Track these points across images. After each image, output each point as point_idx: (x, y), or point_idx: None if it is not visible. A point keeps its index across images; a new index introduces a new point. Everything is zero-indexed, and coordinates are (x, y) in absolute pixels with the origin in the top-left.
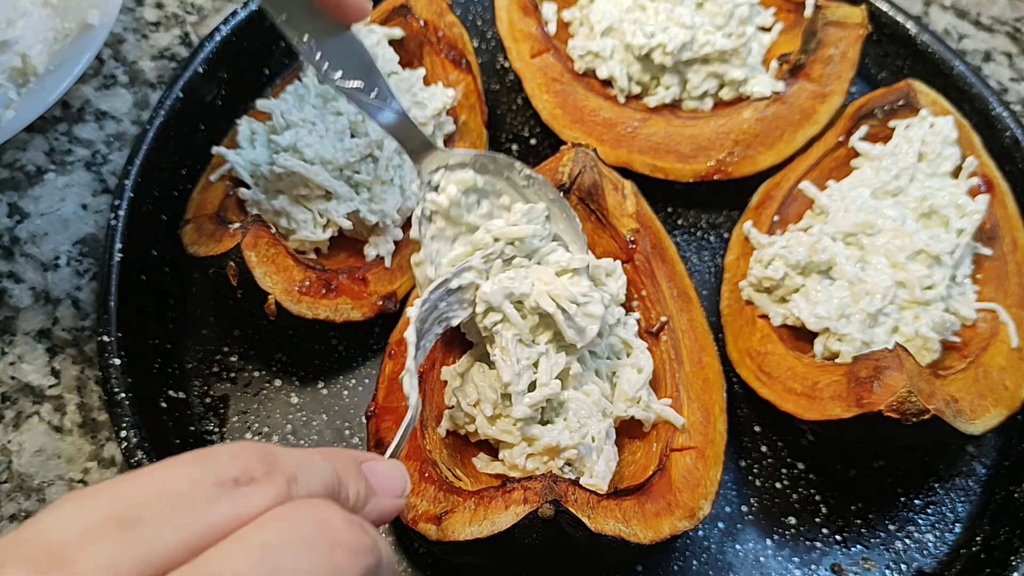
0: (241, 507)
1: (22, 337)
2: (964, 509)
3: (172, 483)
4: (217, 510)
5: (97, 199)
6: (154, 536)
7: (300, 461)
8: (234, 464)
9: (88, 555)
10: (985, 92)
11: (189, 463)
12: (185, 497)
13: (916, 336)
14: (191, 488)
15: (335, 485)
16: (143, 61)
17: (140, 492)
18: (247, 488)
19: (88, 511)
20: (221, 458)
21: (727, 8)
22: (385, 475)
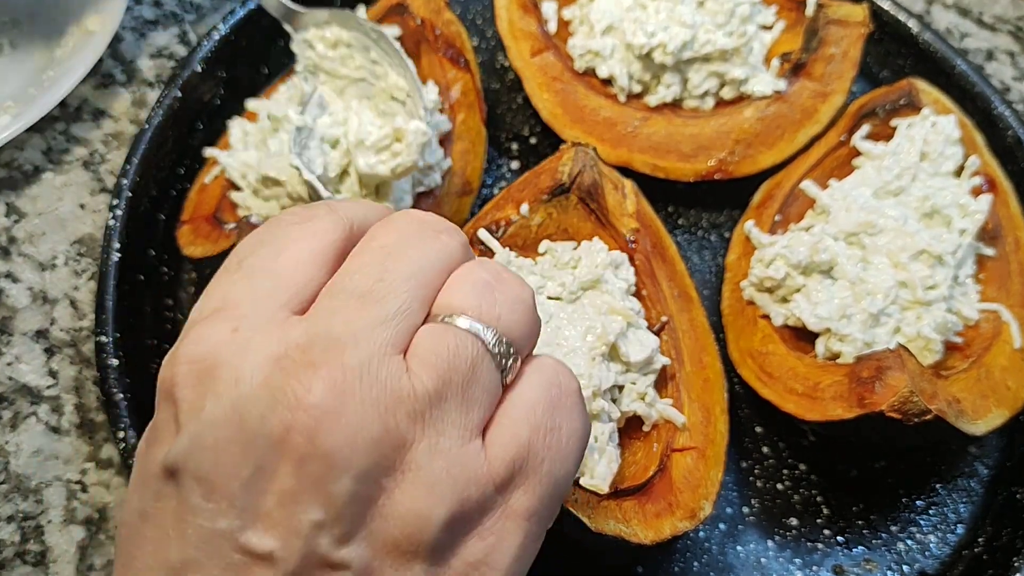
0: (327, 231)
1: (19, 337)
2: (966, 510)
3: (265, 234)
4: (308, 238)
5: (95, 198)
6: (276, 270)
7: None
8: (301, 210)
9: (241, 298)
10: (987, 91)
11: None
12: (278, 237)
13: (918, 336)
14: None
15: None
16: (141, 60)
17: (249, 247)
18: (321, 218)
19: (222, 278)
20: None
21: (728, 7)
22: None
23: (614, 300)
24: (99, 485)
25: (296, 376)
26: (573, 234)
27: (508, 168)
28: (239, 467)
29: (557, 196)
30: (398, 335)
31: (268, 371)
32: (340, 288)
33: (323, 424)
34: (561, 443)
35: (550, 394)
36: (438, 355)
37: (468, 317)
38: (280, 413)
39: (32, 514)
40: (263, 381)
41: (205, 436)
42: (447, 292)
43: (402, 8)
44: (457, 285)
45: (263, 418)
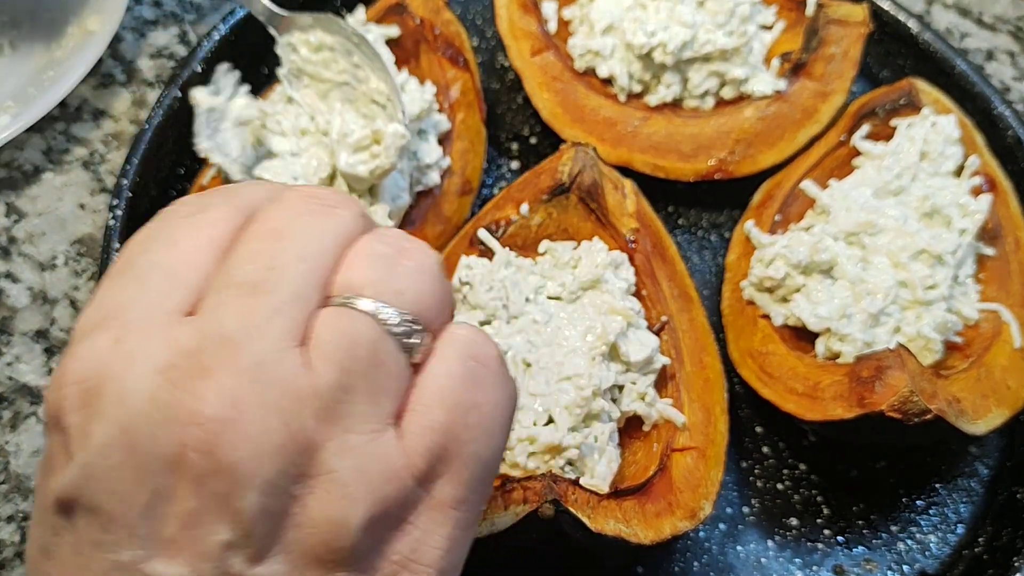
0: (221, 219)
1: (19, 337)
2: (967, 510)
3: (150, 231)
4: (198, 232)
5: (95, 198)
6: (159, 270)
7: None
8: (192, 201)
9: (124, 305)
10: (987, 91)
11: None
12: (167, 236)
13: (918, 336)
14: (166, 227)
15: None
16: (141, 60)
17: (135, 248)
18: (214, 207)
19: (106, 286)
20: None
21: (728, 6)
22: None
23: (614, 300)
24: None
25: (185, 386)
26: (573, 234)
27: (508, 168)
28: (135, 493)
29: (557, 196)
30: (294, 325)
31: (155, 384)
32: (228, 280)
33: (220, 437)
34: (484, 421)
35: (465, 368)
36: (336, 343)
37: (365, 297)
38: (171, 430)
39: (31, 514)
40: (150, 396)
41: (95, 464)
42: (344, 270)
43: (401, 8)
44: (353, 262)
45: (154, 437)
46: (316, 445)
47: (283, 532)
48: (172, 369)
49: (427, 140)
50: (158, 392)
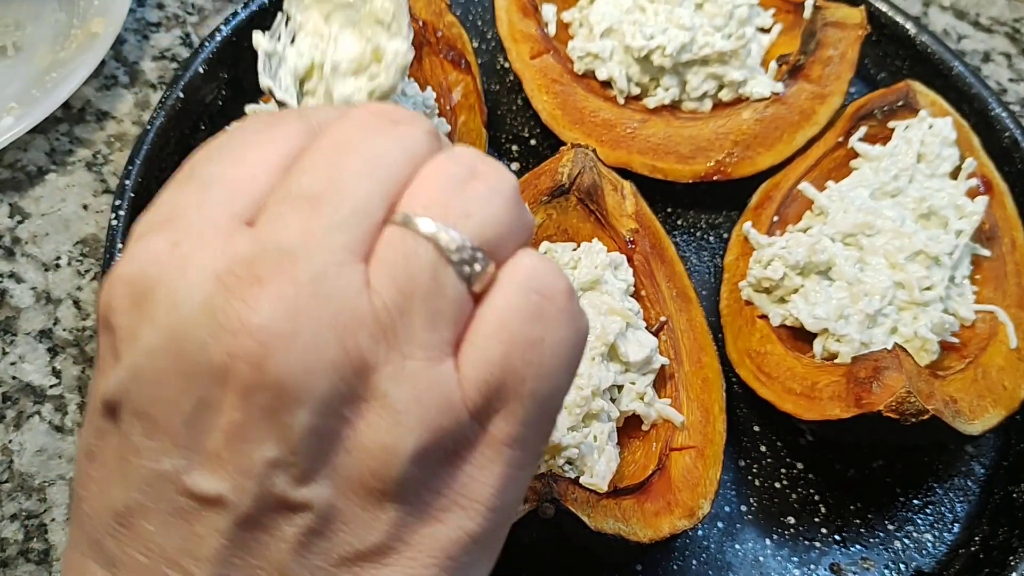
0: (289, 134)
1: (23, 337)
2: (963, 509)
3: (223, 141)
4: (266, 145)
5: (98, 199)
6: (225, 178)
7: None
8: (266, 117)
9: (187, 208)
10: (984, 93)
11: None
12: (235, 146)
13: (915, 337)
14: (237, 139)
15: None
16: (144, 62)
17: (206, 156)
18: (284, 123)
19: (172, 188)
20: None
21: (726, 9)
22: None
23: (613, 300)
24: None
25: (240, 295)
26: (573, 235)
27: (508, 169)
28: (180, 401)
29: (557, 197)
30: (355, 240)
31: (209, 290)
32: (288, 192)
33: (273, 349)
34: (544, 357)
35: (528, 301)
36: (396, 264)
37: (430, 218)
38: (222, 338)
39: (36, 512)
40: (203, 302)
41: (143, 367)
42: (411, 190)
43: None
44: (421, 181)
45: (204, 345)
46: (371, 367)
47: (331, 455)
48: (228, 275)
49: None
50: (211, 299)
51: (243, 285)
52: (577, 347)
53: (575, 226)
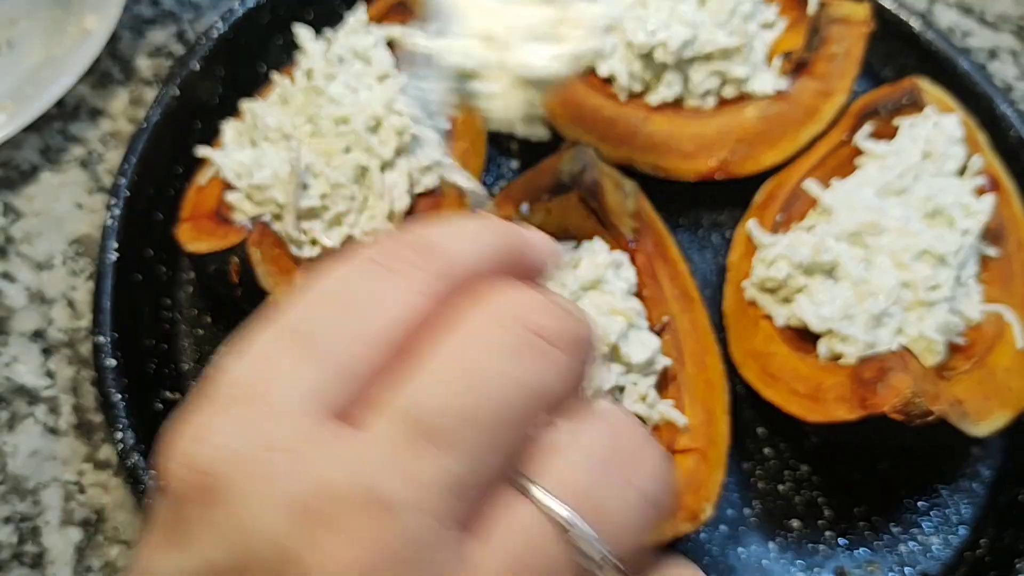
0: (406, 301)
1: (16, 338)
2: (969, 512)
3: (330, 291)
4: (383, 307)
5: (92, 198)
6: (332, 351)
7: (455, 232)
8: (383, 254)
9: (277, 388)
10: (990, 90)
11: (335, 271)
12: (345, 301)
13: (921, 337)
14: (348, 291)
15: (505, 252)
16: (139, 58)
17: (298, 311)
18: (395, 279)
19: (266, 343)
20: (357, 260)
21: (730, 5)
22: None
23: (615, 300)
24: (97, 486)
25: (315, 539)
26: (574, 234)
27: (508, 167)
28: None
29: (557, 195)
30: (463, 505)
31: (282, 526)
32: (398, 406)
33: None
34: None
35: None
36: (517, 555)
37: (568, 506)
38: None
39: (29, 515)
40: (272, 538)
41: (195, 573)
42: (548, 453)
43: (403, 7)
44: (565, 448)
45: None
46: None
47: None
48: (305, 511)
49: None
50: (282, 538)
51: (320, 527)
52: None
53: (576, 225)
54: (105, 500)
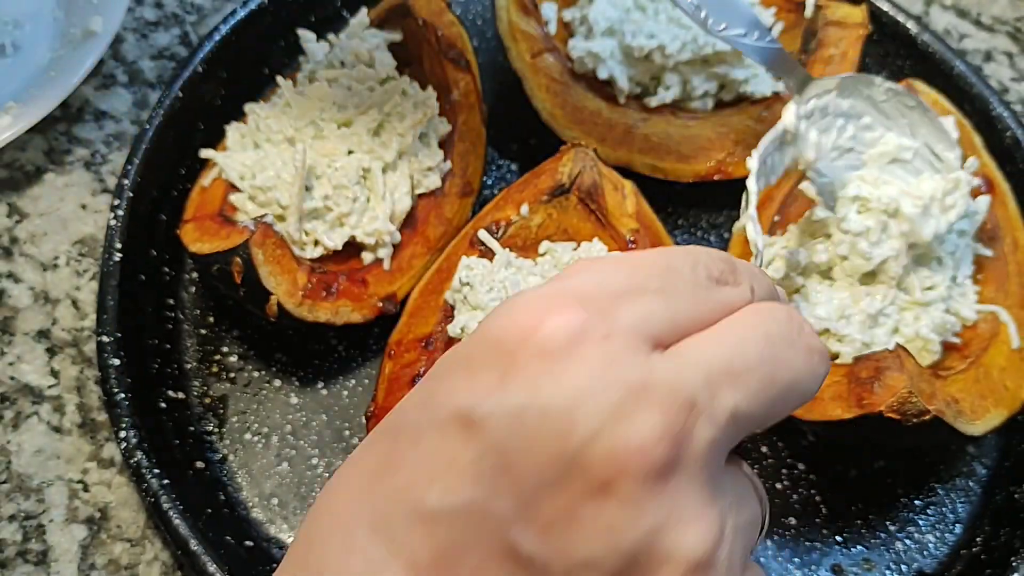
0: (726, 299)
1: (21, 337)
2: (965, 510)
3: (685, 264)
4: (714, 295)
5: (96, 199)
6: (672, 303)
7: (752, 270)
8: (715, 263)
9: (621, 308)
10: (986, 92)
11: (679, 254)
12: (689, 279)
13: (916, 337)
14: (691, 273)
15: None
16: (142, 61)
17: (660, 266)
18: (725, 287)
19: (608, 276)
20: (702, 256)
21: None
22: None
23: None
24: (100, 484)
25: (634, 414)
26: (573, 235)
27: (508, 169)
28: (545, 465)
29: (557, 197)
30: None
31: (619, 396)
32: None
33: (644, 500)
34: None
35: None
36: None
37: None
38: (614, 445)
39: (34, 513)
40: (614, 402)
41: (530, 416)
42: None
43: (404, 9)
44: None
45: (597, 436)
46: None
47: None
48: (630, 395)
49: (428, 143)
50: (619, 404)
51: (636, 407)
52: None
53: (575, 226)
54: (109, 498)
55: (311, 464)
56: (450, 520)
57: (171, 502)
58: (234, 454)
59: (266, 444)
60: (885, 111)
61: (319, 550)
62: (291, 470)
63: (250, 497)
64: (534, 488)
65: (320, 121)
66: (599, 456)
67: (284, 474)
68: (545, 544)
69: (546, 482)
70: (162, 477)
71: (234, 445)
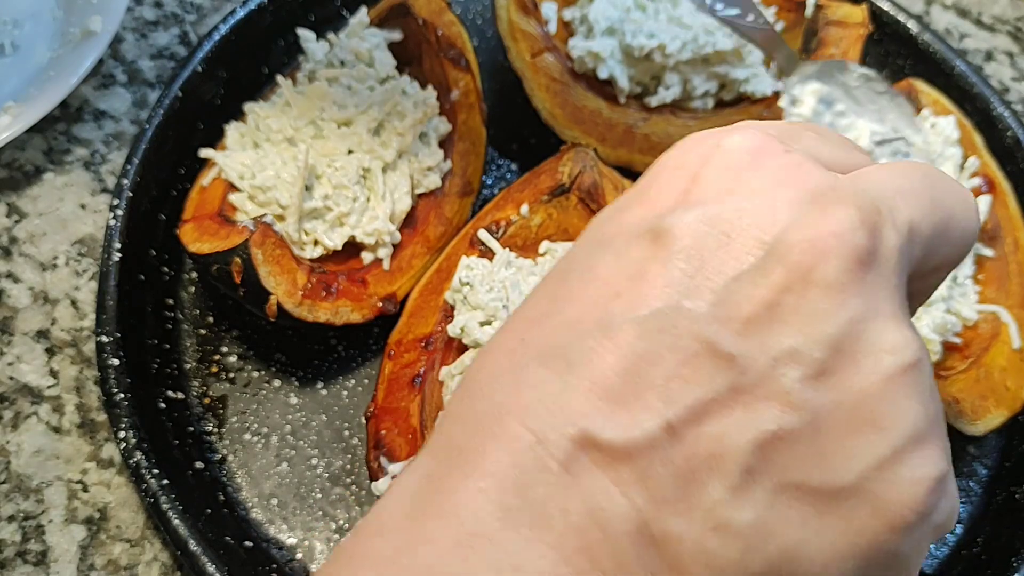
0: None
1: (20, 337)
2: (965, 510)
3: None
4: (857, 150)
5: (95, 199)
6: (831, 146)
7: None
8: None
9: (794, 138)
10: (987, 92)
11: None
12: (834, 135)
13: None
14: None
15: None
16: (142, 60)
17: (799, 125)
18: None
19: (766, 125)
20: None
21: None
22: None
23: None
24: (100, 485)
25: (826, 211)
26: (573, 234)
27: (508, 168)
28: (739, 260)
29: (557, 196)
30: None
31: (804, 201)
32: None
33: (847, 284)
34: None
35: None
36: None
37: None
38: (805, 235)
39: (33, 513)
40: (804, 202)
41: (721, 220)
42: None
43: (404, 9)
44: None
45: (792, 227)
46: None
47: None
48: (816, 199)
49: (428, 143)
50: (804, 206)
51: (829, 203)
52: None
53: (576, 226)
54: (108, 498)
55: (311, 464)
56: (638, 330)
57: (170, 502)
58: (233, 454)
59: (266, 444)
60: (856, 97)
61: (480, 396)
62: (291, 470)
63: (250, 497)
64: (731, 283)
65: (320, 121)
66: (799, 243)
67: (284, 474)
68: (746, 338)
69: (743, 276)
70: (161, 477)
71: (233, 445)
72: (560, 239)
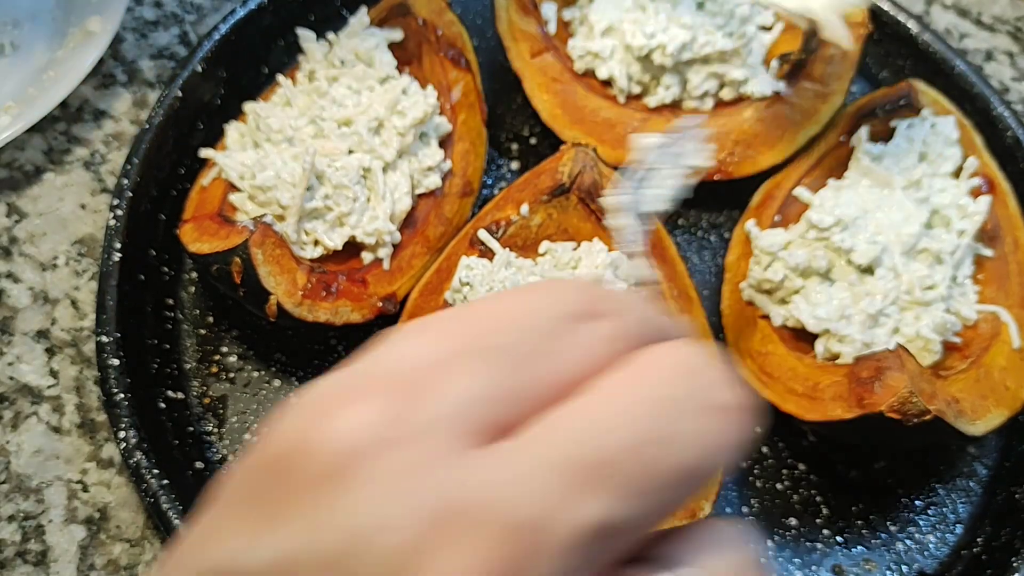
0: (596, 345)
1: (20, 337)
2: (965, 510)
3: (522, 312)
4: (578, 341)
5: (96, 199)
6: (516, 367)
7: (634, 301)
8: (577, 296)
9: (439, 387)
10: (986, 92)
11: (528, 296)
12: (538, 329)
13: (917, 337)
14: (545, 318)
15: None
16: (142, 60)
17: (489, 321)
18: (592, 323)
19: (430, 339)
20: (559, 292)
21: (727, 8)
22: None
23: None
24: (100, 485)
25: (437, 551)
26: (573, 234)
27: (508, 168)
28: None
29: (557, 196)
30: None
31: (406, 525)
32: (560, 446)
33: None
34: None
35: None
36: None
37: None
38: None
39: (33, 513)
40: (393, 535)
41: (300, 572)
42: (684, 539)
43: (404, 8)
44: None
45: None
46: None
47: None
48: (434, 523)
49: (428, 143)
50: (403, 541)
51: (448, 539)
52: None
53: (575, 225)
54: (108, 498)
55: None
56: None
57: (170, 502)
58: (234, 454)
59: None
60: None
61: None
62: None
63: None
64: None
65: (320, 120)
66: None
67: None
68: None
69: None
70: (161, 477)
71: (234, 445)
72: (560, 239)
